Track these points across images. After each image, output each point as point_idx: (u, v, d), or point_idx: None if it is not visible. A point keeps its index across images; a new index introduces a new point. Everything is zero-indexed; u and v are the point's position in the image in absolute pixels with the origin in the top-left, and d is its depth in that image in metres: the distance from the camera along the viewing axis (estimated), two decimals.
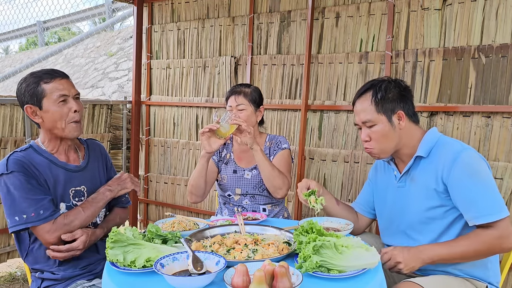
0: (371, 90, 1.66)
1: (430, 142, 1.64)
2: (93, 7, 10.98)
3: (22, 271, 3.33)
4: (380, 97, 1.63)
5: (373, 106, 1.63)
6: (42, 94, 1.64)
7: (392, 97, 1.63)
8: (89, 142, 1.93)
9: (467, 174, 1.52)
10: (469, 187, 1.51)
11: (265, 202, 2.28)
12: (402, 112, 1.64)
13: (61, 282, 1.70)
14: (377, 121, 1.63)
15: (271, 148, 2.29)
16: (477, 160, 1.55)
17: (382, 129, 1.63)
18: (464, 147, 1.57)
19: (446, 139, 1.64)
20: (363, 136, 1.68)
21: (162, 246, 1.40)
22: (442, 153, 1.59)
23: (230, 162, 2.30)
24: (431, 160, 1.62)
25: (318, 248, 1.26)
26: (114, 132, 3.86)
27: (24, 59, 11.21)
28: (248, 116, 2.21)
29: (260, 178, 2.22)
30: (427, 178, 1.62)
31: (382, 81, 1.68)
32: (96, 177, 1.86)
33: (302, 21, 3.09)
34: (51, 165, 1.70)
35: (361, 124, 1.68)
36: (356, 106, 1.71)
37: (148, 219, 4.05)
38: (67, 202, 1.72)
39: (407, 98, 1.67)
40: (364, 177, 2.86)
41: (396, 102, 1.64)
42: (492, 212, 1.48)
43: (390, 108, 1.63)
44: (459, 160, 1.52)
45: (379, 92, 1.63)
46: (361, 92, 1.70)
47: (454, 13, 2.52)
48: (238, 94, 2.23)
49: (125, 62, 7.86)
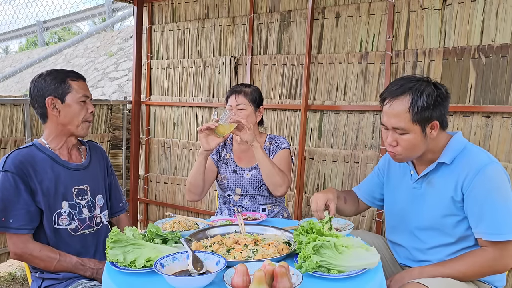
0: (410, 94, 1.48)
1: (456, 149, 1.55)
2: (93, 7, 10.98)
3: (22, 271, 3.32)
4: (420, 106, 1.46)
5: (410, 114, 1.47)
6: (68, 89, 1.73)
7: (433, 106, 1.48)
8: (91, 144, 1.95)
9: (487, 188, 1.47)
10: (487, 202, 1.47)
11: (265, 202, 2.28)
12: (437, 122, 1.51)
13: (62, 282, 1.70)
14: (410, 131, 1.50)
15: (270, 148, 2.29)
16: (501, 176, 1.49)
17: (414, 138, 1.51)
18: (492, 160, 1.50)
19: (473, 148, 1.56)
20: (390, 139, 1.55)
21: (162, 246, 1.40)
22: (467, 163, 1.51)
23: (230, 162, 2.30)
24: (454, 168, 1.55)
25: (318, 248, 1.26)
26: (114, 132, 3.86)
27: (24, 59, 11.21)
28: (248, 115, 2.21)
29: (260, 178, 2.22)
30: (446, 185, 1.56)
31: (423, 86, 1.50)
32: (97, 177, 1.88)
33: (302, 21, 3.09)
34: (52, 163, 1.72)
35: (391, 128, 1.54)
36: (388, 106, 1.53)
37: (148, 219, 4.05)
38: (70, 200, 1.74)
39: (445, 106, 1.52)
40: (364, 177, 2.85)
41: (434, 111, 1.49)
42: (505, 232, 1.44)
43: (426, 118, 1.48)
44: (483, 173, 1.47)
45: (420, 99, 1.47)
46: (398, 92, 1.51)
47: (454, 13, 2.52)
48: (238, 93, 2.23)
49: (125, 62, 7.86)
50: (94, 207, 1.82)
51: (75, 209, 1.75)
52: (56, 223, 1.71)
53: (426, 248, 1.65)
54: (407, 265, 1.77)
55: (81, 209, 1.77)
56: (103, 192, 1.90)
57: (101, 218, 1.85)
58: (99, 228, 1.83)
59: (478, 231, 1.50)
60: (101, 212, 1.86)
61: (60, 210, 1.71)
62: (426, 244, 1.63)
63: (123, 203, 2.04)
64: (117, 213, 2.01)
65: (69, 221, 1.73)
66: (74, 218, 1.74)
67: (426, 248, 1.65)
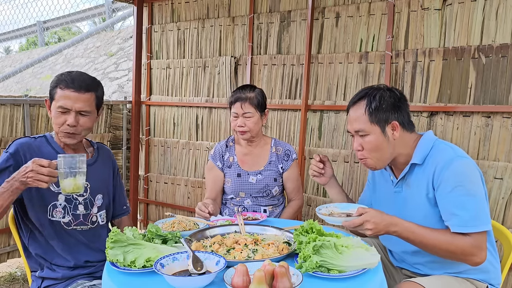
0: (365, 98, 1.61)
1: (425, 148, 1.60)
2: (93, 7, 10.98)
3: (22, 271, 3.32)
4: (374, 107, 1.58)
5: (367, 116, 1.59)
6: (53, 96, 1.72)
7: (387, 107, 1.59)
8: (99, 145, 1.97)
9: (456, 182, 1.49)
10: (454, 196, 1.49)
11: (267, 203, 2.28)
12: (396, 123, 1.60)
13: (61, 282, 1.71)
14: (370, 132, 1.59)
15: (279, 156, 2.29)
16: (469, 169, 1.52)
17: (375, 139, 1.59)
18: (458, 155, 1.54)
19: (441, 145, 1.60)
20: (356, 145, 1.64)
21: (162, 246, 1.40)
22: (435, 159, 1.56)
23: (233, 165, 2.29)
24: (425, 167, 1.59)
25: (318, 248, 1.26)
26: (114, 132, 3.86)
27: (24, 59, 11.21)
28: (255, 122, 2.21)
29: (265, 183, 2.24)
30: (420, 185, 1.60)
31: (377, 90, 1.63)
32: (100, 177, 1.88)
33: (302, 21, 3.09)
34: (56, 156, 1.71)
35: (354, 133, 1.65)
36: (349, 113, 1.67)
37: (148, 219, 4.05)
38: (67, 195, 1.73)
39: (401, 108, 1.62)
40: (364, 177, 2.86)
41: (391, 112, 1.59)
42: (472, 224, 1.46)
43: (384, 119, 1.59)
44: (450, 168, 1.50)
45: (373, 101, 1.59)
46: (355, 100, 1.65)
47: (454, 13, 2.52)
48: (244, 101, 2.19)
49: (125, 62, 7.86)
50: (92, 206, 1.82)
51: (71, 204, 1.75)
52: (50, 215, 1.72)
53: (413, 251, 1.64)
54: (404, 268, 1.78)
55: (77, 205, 1.77)
56: (105, 193, 1.89)
57: (97, 217, 1.84)
58: (94, 227, 1.82)
59: (448, 225, 1.51)
60: (99, 211, 1.85)
61: (55, 202, 1.72)
62: (413, 246, 1.60)
63: (127, 206, 2.06)
64: (119, 215, 2.02)
65: (63, 215, 1.74)
66: (68, 212, 1.75)
67: (413, 251, 1.64)
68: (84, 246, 1.78)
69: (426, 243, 1.49)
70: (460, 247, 1.47)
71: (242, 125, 2.19)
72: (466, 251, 1.46)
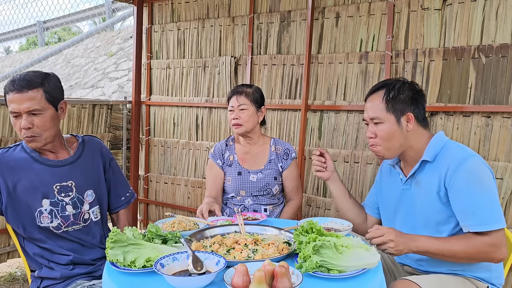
0: (384, 88, 1.66)
1: (437, 146, 1.63)
2: (93, 7, 10.98)
3: (22, 271, 3.32)
4: (392, 96, 1.63)
5: (383, 104, 1.64)
6: (6, 103, 1.65)
7: (404, 98, 1.64)
8: (87, 139, 1.90)
9: (469, 181, 1.51)
10: (469, 195, 1.50)
11: (267, 202, 2.28)
12: (411, 115, 1.64)
13: (61, 282, 1.70)
14: (384, 120, 1.64)
15: (279, 155, 2.29)
16: (482, 168, 1.54)
17: (389, 128, 1.63)
18: (470, 154, 1.56)
19: (452, 144, 1.63)
20: (369, 132, 1.68)
21: (162, 246, 1.40)
22: (448, 158, 1.58)
23: (234, 164, 2.29)
24: (436, 165, 1.61)
25: (318, 248, 1.26)
26: (114, 132, 3.86)
27: (24, 59, 11.21)
28: (250, 116, 2.21)
29: (266, 181, 2.24)
30: (431, 182, 1.61)
31: (396, 81, 1.68)
32: (87, 172, 1.82)
33: (302, 21, 3.09)
34: (32, 162, 1.71)
35: (369, 120, 1.68)
36: (367, 102, 1.71)
37: (148, 219, 4.05)
38: (52, 198, 1.71)
39: (418, 101, 1.67)
40: (364, 177, 2.86)
41: (407, 104, 1.64)
42: (490, 222, 1.47)
43: (400, 109, 1.63)
44: (463, 167, 1.52)
45: (392, 91, 1.64)
46: (374, 89, 1.70)
47: (454, 13, 2.52)
48: (240, 94, 2.22)
49: (125, 62, 7.86)
50: (81, 203, 1.77)
51: (57, 207, 1.72)
52: (39, 221, 1.70)
53: None
54: (406, 264, 1.77)
55: (64, 206, 1.73)
56: (96, 187, 1.84)
57: (89, 214, 1.80)
58: (86, 224, 1.79)
59: (465, 225, 1.52)
60: (90, 208, 1.80)
61: (40, 208, 1.69)
62: None
63: (125, 197, 1.98)
64: (117, 208, 1.96)
65: (51, 219, 1.70)
66: (56, 215, 1.71)
67: None
68: (78, 245, 1.76)
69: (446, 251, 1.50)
70: (478, 248, 1.48)
71: (236, 117, 2.20)
72: (484, 250, 1.48)
